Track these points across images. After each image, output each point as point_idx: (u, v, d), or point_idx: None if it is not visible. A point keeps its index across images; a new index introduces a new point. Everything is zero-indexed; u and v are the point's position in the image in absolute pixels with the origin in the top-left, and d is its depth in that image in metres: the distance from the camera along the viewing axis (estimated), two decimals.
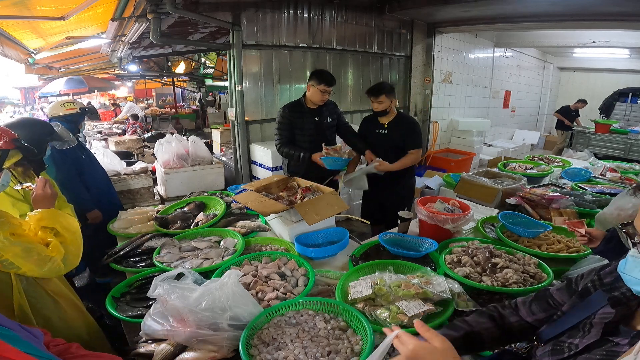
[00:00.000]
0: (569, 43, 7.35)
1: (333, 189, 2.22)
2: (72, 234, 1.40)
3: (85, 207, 2.46)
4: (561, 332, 0.81)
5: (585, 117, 7.92)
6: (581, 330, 0.78)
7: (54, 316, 1.40)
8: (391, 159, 2.62)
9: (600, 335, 0.74)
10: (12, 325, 0.91)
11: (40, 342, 0.97)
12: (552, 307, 0.93)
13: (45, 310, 1.37)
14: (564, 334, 0.81)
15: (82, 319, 1.53)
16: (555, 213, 2.27)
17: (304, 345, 1.17)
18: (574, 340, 0.78)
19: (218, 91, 11.88)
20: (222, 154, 5.55)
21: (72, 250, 1.36)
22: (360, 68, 5.06)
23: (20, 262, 1.21)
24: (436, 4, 4.44)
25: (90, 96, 12.21)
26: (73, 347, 1.11)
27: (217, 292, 1.22)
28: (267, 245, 2.00)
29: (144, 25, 3.73)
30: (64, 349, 1.09)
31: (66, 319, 1.44)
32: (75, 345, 1.12)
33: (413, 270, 1.60)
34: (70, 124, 2.52)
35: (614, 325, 0.74)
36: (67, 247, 1.35)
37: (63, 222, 1.38)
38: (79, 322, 1.50)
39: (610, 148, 6.66)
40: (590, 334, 0.75)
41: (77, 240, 1.41)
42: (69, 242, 1.36)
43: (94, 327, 1.60)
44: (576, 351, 0.75)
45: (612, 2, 3.91)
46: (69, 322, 1.44)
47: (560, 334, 0.81)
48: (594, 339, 0.74)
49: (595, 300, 0.79)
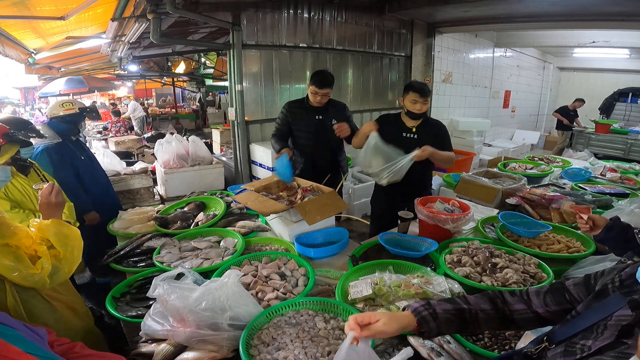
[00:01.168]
0: (569, 43, 7.35)
1: (333, 189, 2.22)
2: (69, 249, 1.33)
3: (82, 209, 2.44)
4: (574, 333, 0.80)
5: (585, 117, 7.92)
6: (595, 332, 0.77)
7: (50, 319, 1.39)
8: (418, 169, 2.26)
9: (615, 338, 0.73)
10: (17, 325, 0.91)
11: (45, 341, 0.97)
12: (567, 301, 0.91)
13: (40, 314, 1.37)
14: (577, 336, 0.80)
15: (78, 321, 1.52)
16: (556, 212, 2.27)
17: (304, 345, 1.17)
18: (587, 341, 0.77)
19: (218, 91, 11.89)
20: (222, 154, 5.55)
21: (63, 265, 1.30)
22: (360, 68, 5.06)
23: (6, 273, 1.19)
24: (436, 4, 4.44)
25: (91, 96, 12.22)
26: (77, 346, 1.10)
27: (217, 292, 1.22)
28: (267, 245, 2.00)
29: (144, 25, 3.73)
30: (68, 348, 1.08)
31: (62, 321, 1.43)
32: (80, 345, 1.12)
33: (413, 270, 1.60)
34: (70, 124, 2.52)
35: (629, 327, 0.72)
36: (59, 261, 1.29)
37: (61, 236, 1.32)
38: (74, 324, 1.49)
39: (610, 148, 6.66)
40: (604, 336, 0.74)
41: (72, 256, 1.34)
42: (62, 257, 1.30)
43: (90, 328, 1.59)
44: (589, 353, 0.75)
45: (612, 2, 3.91)
46: (64, 324, 1.43)
47: (573, 336, 0.80)
48: (608, 341, 0.73)
49: (613, 302, 0.78)
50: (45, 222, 1.31)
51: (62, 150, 2.48)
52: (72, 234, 1.37)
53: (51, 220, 1.33)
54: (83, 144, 2.78)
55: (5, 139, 1.62)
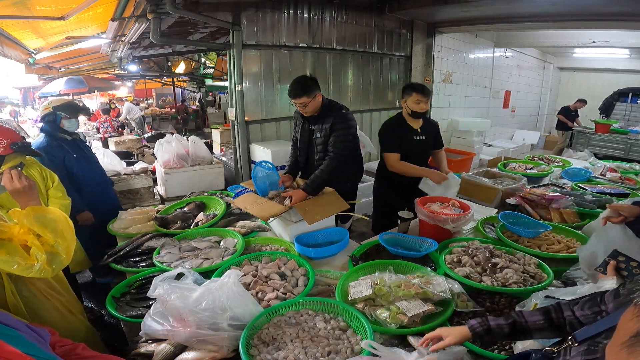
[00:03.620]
0: (569, 43, 7.35)
1: (333, 189, 2.22)
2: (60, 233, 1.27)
3: (75, 209, 2.42)
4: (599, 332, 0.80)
5: (585, 117, 7.91)
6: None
7: (48, 316, 1.39)
8: (425, 165, 2.58)
9: None
10: (18, 325, 0.90)
11: (47, 342, 0.96)
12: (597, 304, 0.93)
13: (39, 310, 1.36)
14: (601, 334, 0.80)
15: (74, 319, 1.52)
16: (555, 213, 2.27)
17: (304, 345, 1.17)
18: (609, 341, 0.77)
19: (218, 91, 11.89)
20: (222, 154, 5.55)
21: (60, 251, 1.25)
22: (360, 68, 5.06)
23: (6, 267, 1.15)
24: (436, 4, 4.44)
25: (91, 96, 12.21)
26: (79, 347, 1.10)
27: (217, 292, 1.22)
28: (267, 245, 2.01)
29: (144, 25, 3.73)
30: (69, 349, 1.08)
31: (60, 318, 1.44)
32: (82, 346, 1.11)
33: (413, 270, 1.60)
34: (48, 124, 2.53)
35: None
36: (53, 248, 1.25)
37: (45, 221, 1.25)
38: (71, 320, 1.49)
39: (610, 148, 6.66)
40: None
41: (64, 240, 1.28)
42: (54, 243, 1.25)
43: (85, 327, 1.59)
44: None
45: (612, 2, 3.91)
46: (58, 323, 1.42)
47: (598, 335, 0.80)
48: None
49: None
50: (23, 212, 1.24)
51: (53, 150, 2.48)
52: (57, 217, 1.30)
53: (29, 208, 1.26)
54: (81, 143, 2.77)
55: (13, 149, 1.60)
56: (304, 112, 2.36)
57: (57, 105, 2.55)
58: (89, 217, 2.55)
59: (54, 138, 2.52)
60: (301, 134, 2.51)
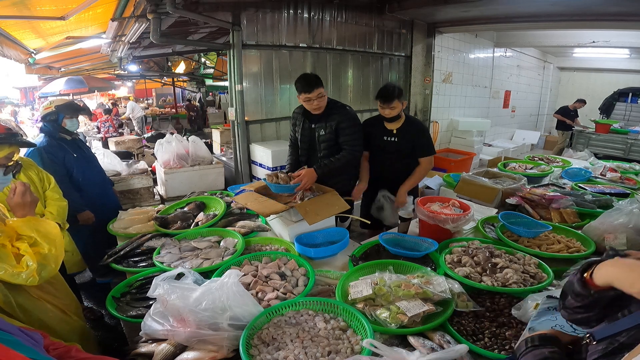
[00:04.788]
0: (569, 43, 7.35)
1: (334, 189, 2.22)
2: (53, 244, 1.32)
3: (75, 208, 2.42)
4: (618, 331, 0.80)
5: (585, 117, 7.92)
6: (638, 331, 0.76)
7: (42, 316, 1.39)
8: (399, 168, 2.54)
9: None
10: (12, 329, 0.90)
11: (40, 346, 0.96)
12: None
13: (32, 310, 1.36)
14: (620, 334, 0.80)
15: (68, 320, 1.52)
16: (555, 213, 2.27)
17: (304, 345, 1.17)
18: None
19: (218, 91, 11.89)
20: (222, 154, 5.55)
21: (50, 261, 1.29)
22: (360, 68, 5.06)
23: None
24: (436, 4, 4.44)
25: (91, 96, 12.22)
26: (72, 350, 1.10)
27: (217, 292, 1.22)
28: (267, 245, 2.01)
29: (144, 25, 3.73)
30: (63, 351, 1.08)
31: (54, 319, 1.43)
32: (75, 348, 1.11)
33: (413, 270, 1.60)
34: (50, 123, 2.53)
35: None
36: (45, 257, 1.28)
37: (43, 232, 1.31)
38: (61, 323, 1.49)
39: (610, 148, 6.66)
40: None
41: (56, 251, 1.33)
42: (47, 253, 1.29)
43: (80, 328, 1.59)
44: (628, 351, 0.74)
45: (612, 2, 3.91)
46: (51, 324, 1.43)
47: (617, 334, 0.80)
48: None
49: None
50: (24, 220, 1.31)
51: (54, 149, 2.48)
52: (53, 230, 1.37)
53: (29, 218, 1.33)
54: (81, 143, 2.77)
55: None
56: (316, 108, 2.32)
57: (59, 105, 2.55)
58: (89, 216, 2.55)
59: (54, 138, 2.52)
60: (302, 133, 2.50)
